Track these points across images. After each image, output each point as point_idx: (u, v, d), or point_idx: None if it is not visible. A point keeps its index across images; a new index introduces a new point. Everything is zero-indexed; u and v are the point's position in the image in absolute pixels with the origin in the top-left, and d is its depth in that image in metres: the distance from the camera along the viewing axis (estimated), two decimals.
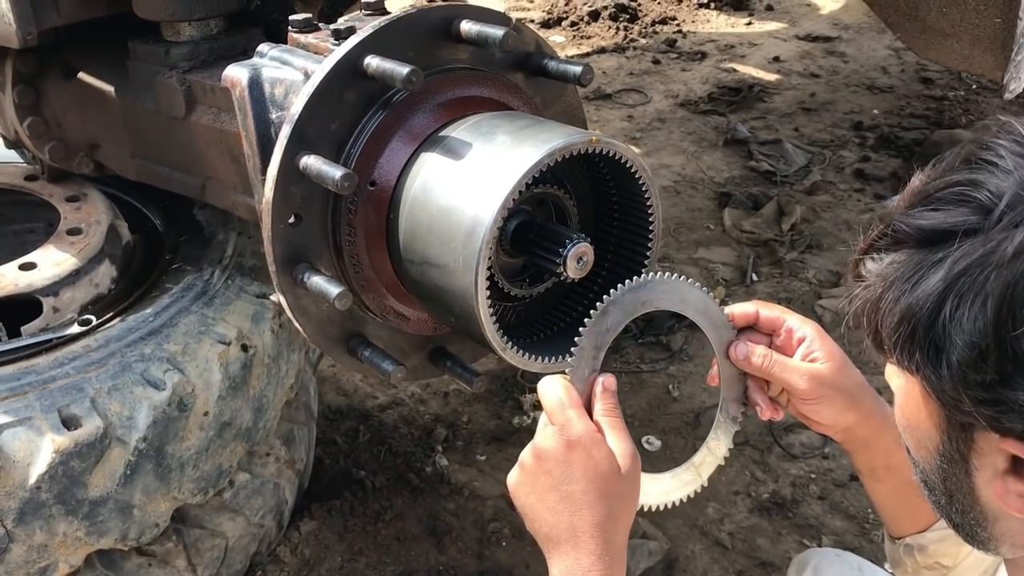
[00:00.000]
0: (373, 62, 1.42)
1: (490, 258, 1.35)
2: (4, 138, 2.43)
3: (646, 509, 1.41)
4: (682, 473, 1.52)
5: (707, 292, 1.44)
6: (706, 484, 1.53)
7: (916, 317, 0.92)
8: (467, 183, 1.38)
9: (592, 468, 1.24)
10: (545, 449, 1.26)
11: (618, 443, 1.28)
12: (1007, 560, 1.11)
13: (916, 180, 1.01)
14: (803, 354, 1.42)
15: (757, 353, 1.42)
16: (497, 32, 1.46)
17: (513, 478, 1.31)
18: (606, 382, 1.33)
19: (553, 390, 1.30)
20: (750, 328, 1.47)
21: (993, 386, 0.88)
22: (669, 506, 1.48)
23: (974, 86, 5.51)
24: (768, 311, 1.45)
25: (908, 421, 1.06)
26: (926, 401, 0.99)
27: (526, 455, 1.29)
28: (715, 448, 1.54)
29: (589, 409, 1.32)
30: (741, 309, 1.46)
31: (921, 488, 1.12)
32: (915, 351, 0.93)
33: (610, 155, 1.40)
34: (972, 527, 1.05)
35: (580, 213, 1.56)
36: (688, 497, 1.50)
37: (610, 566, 1.22)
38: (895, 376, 1.07)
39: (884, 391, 1.19)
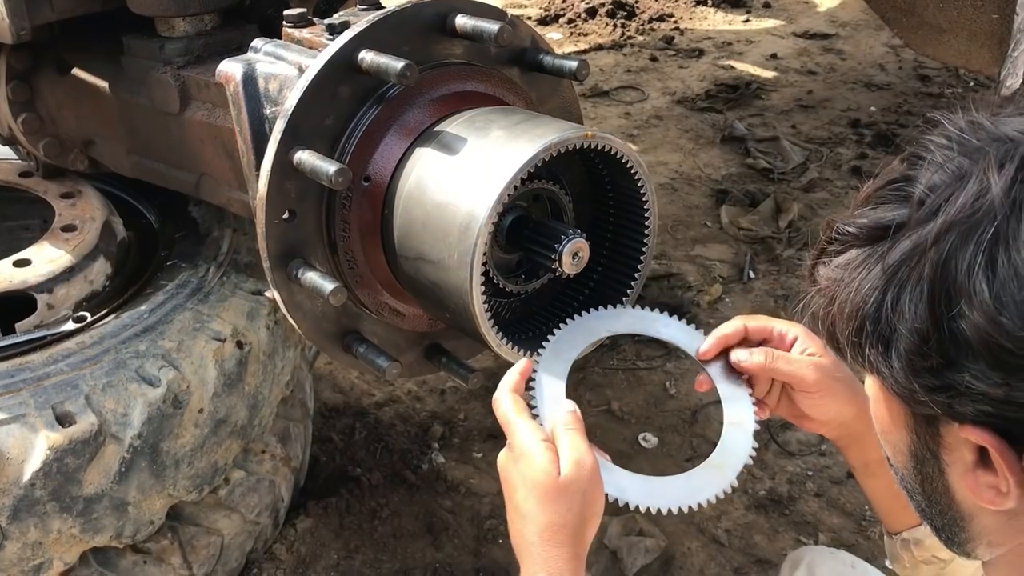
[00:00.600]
0: (367, 57, 1.41)
1: (485, 254, 1.34)
2: None
3: (664, 512, 1.33)
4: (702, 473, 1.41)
5: (675, 319, 1.49)
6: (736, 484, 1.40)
7: (862, 313, 0.94)
8: (462, 178, 1.38)
9: (530, 476, 1.24)
10: (500, 463, 1.30)
11: (566, 448, 1.25)
12: (985, 564, 1.11)
13: (863, 188, 1.04)
14: (799, 351, 1.42)
15: (758, 351, 1.42)
16: (492, 27, 1.45)
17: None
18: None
19: (501, 401, 1.31)
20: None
21: (940, 371, 0.89)
22: (689, 509, 1.35)
23: (971, 83, 5.51)
24: (755, 322, 1.46)
25: (881, 427, 1.08)
26: (888, 401, 1.01)
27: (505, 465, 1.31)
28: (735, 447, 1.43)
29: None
30: (730, 328, 1.45)
31: (905, 495, 1.12)
32: (866, 347, 0.95)
33: (606, 150, 1.40)
34: (952, 529, 1.06)
35: (576, 209, 1.56)
36: (716, 498, 1.38)
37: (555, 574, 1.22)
38: (870, 388, 1.08)
39: None
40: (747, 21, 6.70)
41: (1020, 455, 0.89)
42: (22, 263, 2.11)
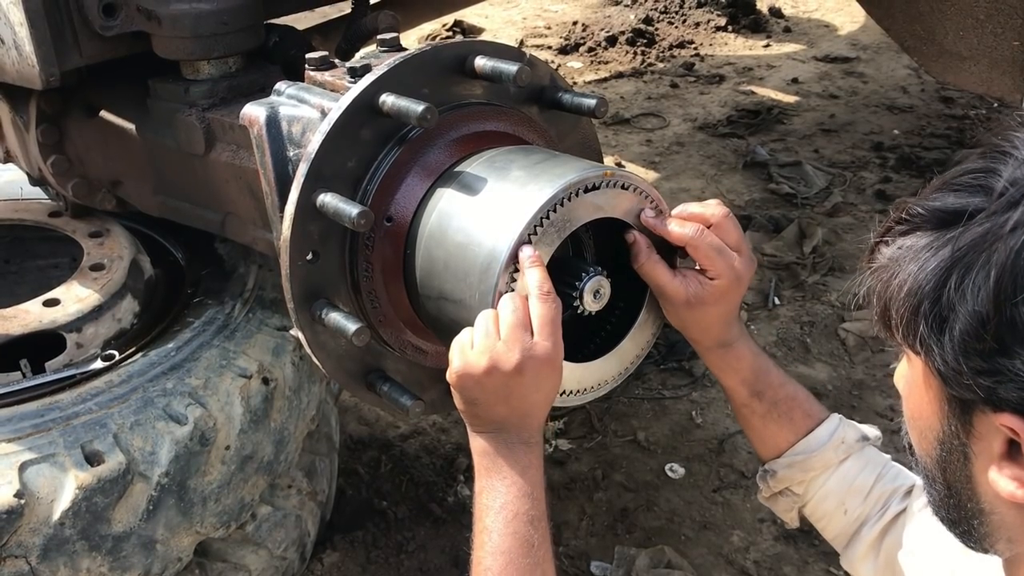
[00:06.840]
0: (388, 100, 1.43)
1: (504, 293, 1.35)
2: (29, 175, 2.47)
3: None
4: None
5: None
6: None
7: (922, 290, 0.96)
8: (482, 219, 1.39)
9: (557, 383, 1.34)
10: (526, 361, 1.28)
11: (560, 349, 1.33)
12: (1005, 561, 1.12)
13: (941, 175, 1.06)
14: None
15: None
16: (511, 68, 1.47)
17: (473, 375, 1.30)
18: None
19: (549, 306, 1.30)
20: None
21: (992, 355, 0.91)
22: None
23: (995, 104, 5.48)
24: (692, 210, 1.47)
25: (911, 412, 1.10)
26: (928, 384, 1.02)
27: (502, 359, 1.28)
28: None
29: None
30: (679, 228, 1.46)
31: (923, 485, 1.14)
32: (920, 324, 0.97)
33: (625, 188, 1.41)
34: (969, 521, 1.07)
35: (597, 245, 1.56)
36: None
37: (541, 432, 1.38)
38: (901, 377, 1.11)
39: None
40: (767, 46, 6.71)
41: None
42: (51, 302, 2.14)
